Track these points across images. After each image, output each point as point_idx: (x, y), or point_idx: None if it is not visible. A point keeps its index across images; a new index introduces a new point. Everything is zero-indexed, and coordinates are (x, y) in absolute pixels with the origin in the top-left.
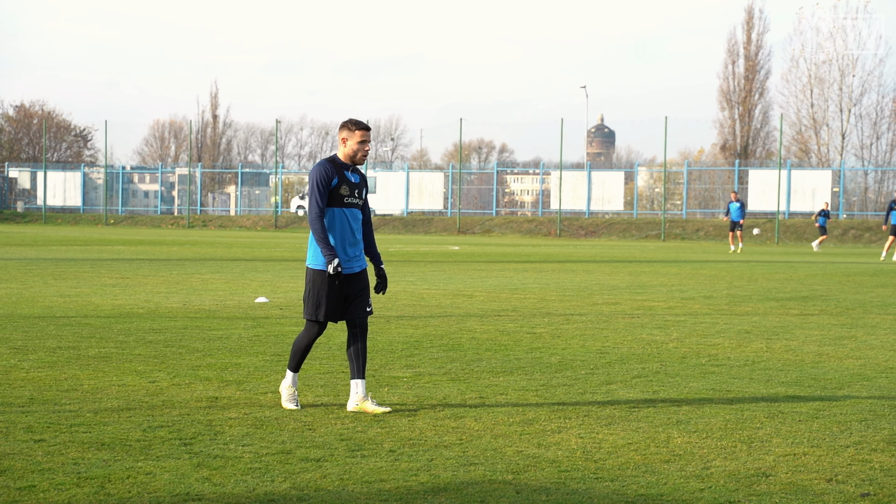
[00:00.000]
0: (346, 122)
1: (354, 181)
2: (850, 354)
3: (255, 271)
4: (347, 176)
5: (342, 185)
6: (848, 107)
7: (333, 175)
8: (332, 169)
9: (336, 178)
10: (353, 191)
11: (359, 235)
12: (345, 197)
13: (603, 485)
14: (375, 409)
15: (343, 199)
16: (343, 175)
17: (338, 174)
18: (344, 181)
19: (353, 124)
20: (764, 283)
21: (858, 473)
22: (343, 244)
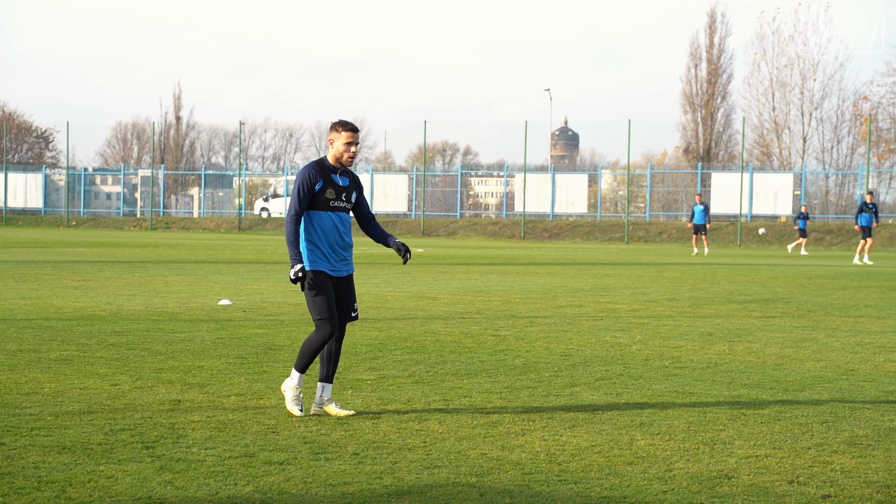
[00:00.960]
0: (334, 122)
1: (342, 184)
2: (812, 357)
3: (218, 273)
4: (335, 179)
5: (328, 188)
6: (809, 110)
7: (318, 179)
8: (317, 173)
9: (321, 181)
10: (341, 194)
11: (348, 238)
12: (331, 200)
13: (566, 487)
14: (338, 412)
15: (329, 203)
16: (330, 178)
17: (324, 178)
18: (330, 185)
19: (340, 125)
20: (726, 286)
21: (819, 475)
22: (332, 247)
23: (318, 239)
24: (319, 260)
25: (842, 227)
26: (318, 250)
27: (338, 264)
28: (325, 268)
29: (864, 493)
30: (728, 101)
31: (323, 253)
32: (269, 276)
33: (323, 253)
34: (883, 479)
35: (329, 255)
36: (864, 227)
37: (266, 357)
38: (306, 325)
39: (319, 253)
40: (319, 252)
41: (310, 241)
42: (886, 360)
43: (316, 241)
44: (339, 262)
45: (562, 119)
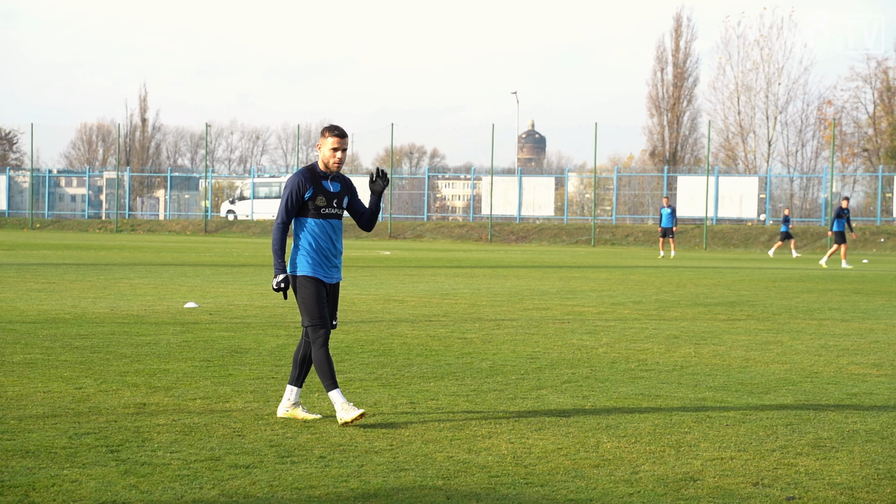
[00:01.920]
0: (323, 127)
1: (333, 190)
2: (777, 359)
3: (184, 276)
4: (325, 185)
5: (318, 195)
6: (774, 114)
7: (308, 187)
8: (306, 180)
9: (311, 189)
10: (332, 200)
11: (339, 245)
12: (321, 207)
13: (533, 490)
14: (305, 416)
15: (320, 210)
16: (320, 185)
17: (313, 185)
18: (320, 191)
19: (327, 130)
20: (692, 289)
21: (784, 477)
22: (324, 254)
23: (311, 246)
24: (314, 266)
25: (806, 230)
26: (310, 256)
27: (330, 271)
28: (321, 275)
29: (827, 494)
30: (694, 104)
31: (317, 260)
32: (236, 279)
33: (317, 260)
34: (846, 480)
35: (322, 263)
36: (839, 233)
37: (232, 360)
38: (273, 328)
39: (314, 259)
40: (311, 258)
41: (303, 248)
42: (850, 363)
43: (309, 248)
44: (331, 269)
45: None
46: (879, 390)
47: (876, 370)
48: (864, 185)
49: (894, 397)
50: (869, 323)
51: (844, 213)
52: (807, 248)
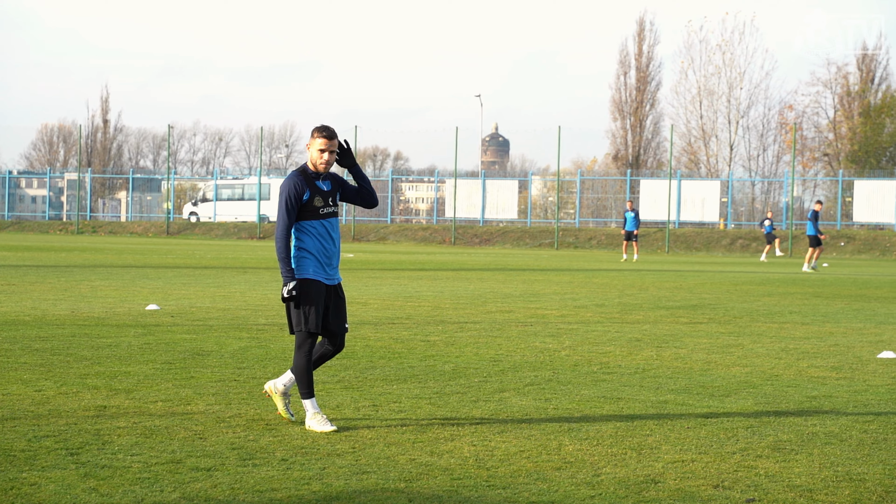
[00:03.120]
0: (313, 128)
1: (326, 189)
2: (737, 362)
3: (145, 278)
4: (319, 186)
5: (315, 197)
6: (736, 119)
7: (304, 189)
8: (302, 182)
9: (308, 191)
10: (328, 199)
11: (338, 244)
12: (320, 208)
13: (495, 492)
14: (282, 411)
15: (319, 212)
16: (314, 186)
17: (309, 186)
18: (316, 193)
19: (316, 131)
20: (654, 292)
21: (744, 479)
22: (325, 255)
23: (311, 248)
24: (314, 269)
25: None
26: (313, 259)
27: (331, 272)
28: (321, 276)
29: (787, 497)
30: (657, 108)
31: (318, 261)
32: (198, 281)
33: (318, 261)
34: (806, 482)
35: (325, 264)
36: (813, 236)
37: (194, 362)
38: (235, 331)
39: (315, 261)
40: (314, 260)
41: (303, 250)
42: (810, 366)
43: (310, 250)
44: (332, 270)
45: (492, 125)
46: (839, 393)
47: (835, 373)
48: (824, 189)
49: (853, 400)
50: (829, 326)
51: (817, 216)
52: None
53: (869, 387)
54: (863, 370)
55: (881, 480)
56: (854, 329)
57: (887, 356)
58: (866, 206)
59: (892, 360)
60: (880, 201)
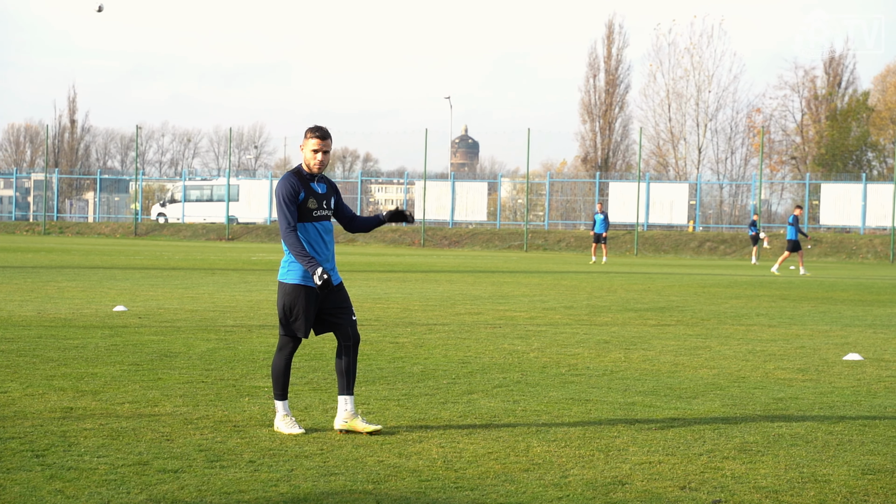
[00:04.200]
0: (307, 128)
1: (321, 191)
2: (705, 364)
3: (113, 279)
4: (314, 187)
5: (309, 198)
6: (704, 122)
7: (300, 189)
8: (297, 182)
9: (303, 191)
10: (321, 202)
11: (331, 247)
12: (313, 211)
13: (463, 494)
14: (366, 427)
15: (312, 213)
16: (309, 187)
17: (304, 187)
18: (311, 194)
19: (310, 131)
20: (623, 294)
21: (711, 481)
22: (318, 258)
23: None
24: (303, 273)
25: (735, 236)
26: None
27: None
28: (310, 282)
29: (752, 498)
30: (626, 111)
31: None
32: (166, 283)
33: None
34: (771, 484)
35: None
36: (792, 241)
37: (161, 364)
38: (203, 332)
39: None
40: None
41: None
42: (776, 368)
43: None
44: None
45: (462, 127)
46: (805, 395)
47: (801, 375)
48: (791, 192)
49: (819, 402)
50: (795, 328)
51: (797, 220)
52: (735, 255)
53: (834, 388)
54: (829, 372)
55: (846, 481)
56: (820, 331)
57: (853, 358)
58: (833, 209)
59: (857, 362)
60: (847, 204)
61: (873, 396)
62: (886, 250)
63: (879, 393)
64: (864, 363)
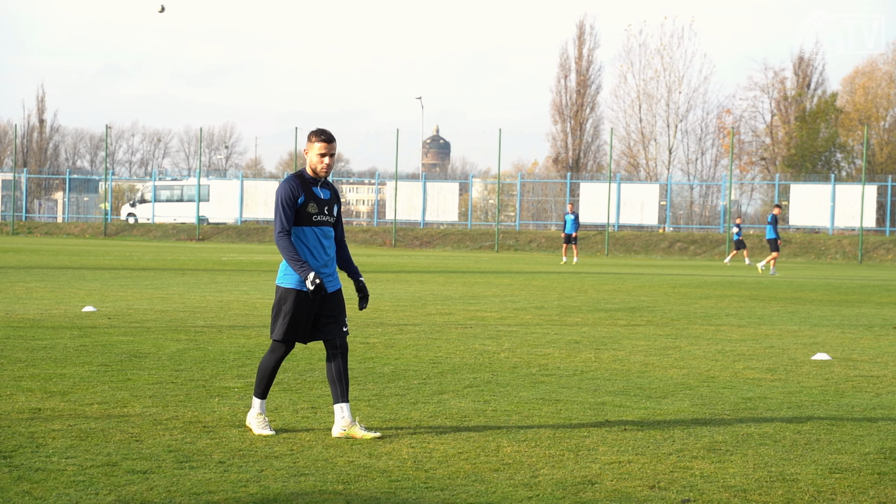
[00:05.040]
0: (310, 131)
1: (324, 197)
2: (675, 364)
3: (82, 280)
4: (316, 192)
5: (309, 202)
6: (674, 122)
7: (300, 193)
8: (297, 186)
9: (302, 195)
10: (323, 207)
11: (331, 252)
12: (313, 215)
13: (433, 494)
14: (364, 435)
15: (312, 218)
16: (311, 192)
17: (304, 191)
18: (312, 198)
19: (314, 134)
20: (593, 294)
21: (680, 480)
22: (315, 264)
23: (302, 256)
24: (300, 280)
25: (706, 237)
26: None
27: (324, 280)
28: (305, 287)
29: (721, 497)
30: (597, 111)
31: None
32: (136, 283)
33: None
34: (740, 483)
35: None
36: (772, 240)
37: (130, 364)
38: (173, 333)
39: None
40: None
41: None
42: (746, 368)
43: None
44: (325, 280)
45: (433, 128)
46: (773, 394)
47: (770, 375)
48: (761, 193)
49: (787, 401)
50: (764, 328)
51: (776, 220)
52: (706, 255)
53: (803, 388)
54: (797, 372)
55: (813, 480)
56: (789, 331)
57: (821, 358)
58: (802, 210)
59: (825, 361)
60: (816, 205)
61: (841, 396)
62: (855, 251)
63: (847, 392)
64: (833, 363)
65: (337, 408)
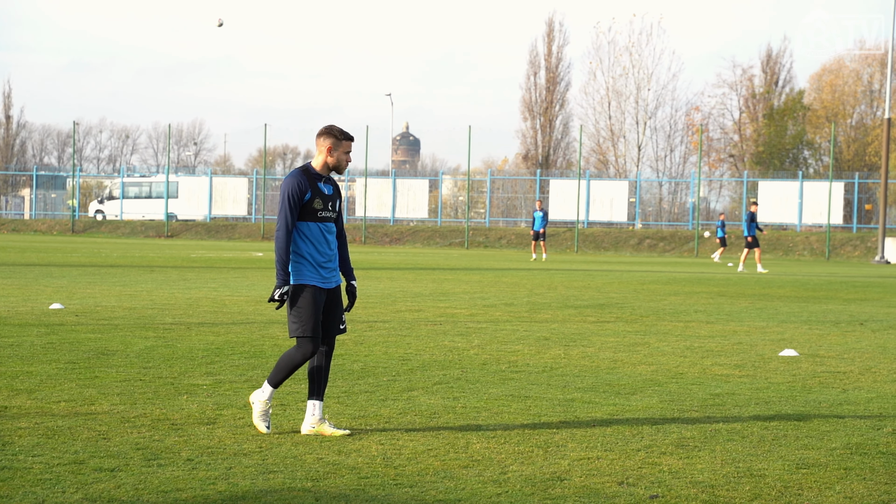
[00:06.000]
0: (330, 130)
1: (328, 193)
2: (643, 360)
3: (49, 277)
4: (321, 188)
5: (315, 198)
6: (644, 119)
7: (307, 188)
8: (305, 181)
9: (309, 191)
10: (327, 203)
11: (334, 248)
12: (318, 211)
13: (402, 491)
14: (333, 432)
15: (317, 214)
16: (317, 187)
17: (311, 187)
18: (318, 194)
19: (342, 134)
20: (563, 291)
21: (648, 476)
22: (321, 258)
23: (306, 251)
24: (310, 273)
25: (675, 233)
26: (308, 263)
27: (327, 275)
28: (317, 281)
29: (689, 493)
30: (566, 108)
31: (313, 265)
32: (104, 280)
33: (313, 265)
34: (708, 479)
35: (319, 268)
36: (753, 237)
37: (98, 362)
38: (141, 330)
39: (309, 266)
40: (309, 265)
41: (298, 254)
42: (714, 364)
43: (305, 254)
44: (329, 273)
45: (403, 124)
46: (741, 390)
47: (738, 371)
48: (730, 189)
49: (755, 397)
50: (733, 325)
51: (755, 217)
52: (675, 252)
53: (770, 384)
54: (765, 368)
55: (780, 476)
56: (757, 328)
57: (789, 354)
58: (770, 207)
59: (793, 357)
60: (784, 202)
61: (808, 392)
62: (822, 247)
63: (814, 388)
64: (800, 359)
65: (310, 404)
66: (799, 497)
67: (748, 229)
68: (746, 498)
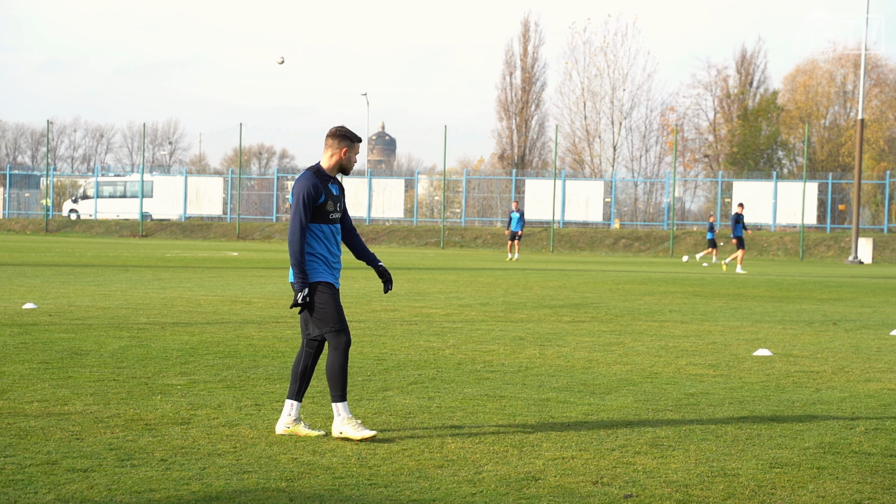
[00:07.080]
0: (341, 132)
1: (336, 193)
2: (618, 360)
3: (23, 276)
4: (331, 189)
5: (328, 200)
6: (619, 120)
7: (321, 191)
8: (318, 184)
9: (323, 194)
10: (336, 204)
11: (341, 249)
12: (330, 213)
13: (377, 491)
14: (308, 433)
15: (329, 216)
16: (328, 189)
17: (324, 189)
18: (329, 196)
19: (351, 136)
20: (538, 291)
21: (623, 475)
22: (332, 258)
23: (320, 251)
24: (325, 272)
25: (650, 233)
26: (322, 262)
27: (337, 275)
28: (331, 279)
29: (664, 492)
30: (542, 108)
31: (326, 265)
32: (78, 280)
33: (326, 265)
34: (682, 478)
35: (331, 268)
36: (740, 238)
37: (72, 362)
38: (115, 330)
39: (323, 265)
40: (323, 264)
41: (311, 255)
42: (688, 364)
43: (318, 254)
44: (338, 273)
45: (379, 124)
46: (715, 390)
47: (713, 370)
48: (704, 190)
49: (729, 397)
50: (707, 325)
51: (741, 218)
52: (650, 252)
53: (744, 384)
54: (739, 367)
55: (754, 475)
56: (731, 327)
57: (763, 354)
58: (745, 207)
59: (767, 357)
60: (758, 202)
61: (782, 391)
62: (796, 247)
63: (788, 388)
64: (774, 359)
65: (288, 403)
66: (772, 496)
67: (735, 230)
68: (720, 497)
